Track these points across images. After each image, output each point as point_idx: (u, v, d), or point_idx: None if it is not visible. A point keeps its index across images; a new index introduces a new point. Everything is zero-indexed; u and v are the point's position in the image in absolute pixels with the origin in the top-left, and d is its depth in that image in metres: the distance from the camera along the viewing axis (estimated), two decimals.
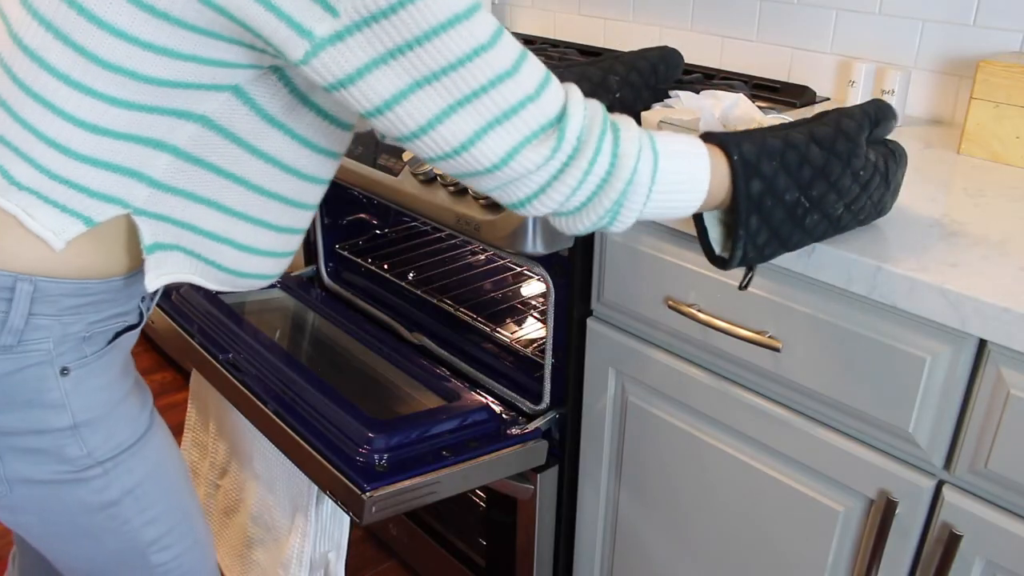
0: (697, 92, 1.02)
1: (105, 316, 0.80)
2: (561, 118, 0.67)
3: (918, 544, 0.92)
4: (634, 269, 1.11)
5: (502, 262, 1.73)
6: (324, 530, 1.26)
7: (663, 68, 1.09)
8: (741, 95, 0.99)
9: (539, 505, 1.31)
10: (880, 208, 0.89)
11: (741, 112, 0.97)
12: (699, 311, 1.04)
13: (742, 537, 1.10)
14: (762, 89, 1.54)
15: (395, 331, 1.52)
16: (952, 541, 0.87)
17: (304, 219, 0.85)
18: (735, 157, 0.75)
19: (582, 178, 0.68)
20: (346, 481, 1.08)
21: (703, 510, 1.14)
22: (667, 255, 1.07)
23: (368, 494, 1.06)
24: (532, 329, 1.52)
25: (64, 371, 0.77)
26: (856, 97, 1.40)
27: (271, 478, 1.32)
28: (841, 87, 1.50)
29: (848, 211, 0.83)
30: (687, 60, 1.71)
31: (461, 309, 1.54)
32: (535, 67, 0.67)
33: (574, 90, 0.69)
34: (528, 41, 1.97)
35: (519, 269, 1.72)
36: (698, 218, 0.81)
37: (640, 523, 1.25)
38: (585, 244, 1.16)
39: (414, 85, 0.63)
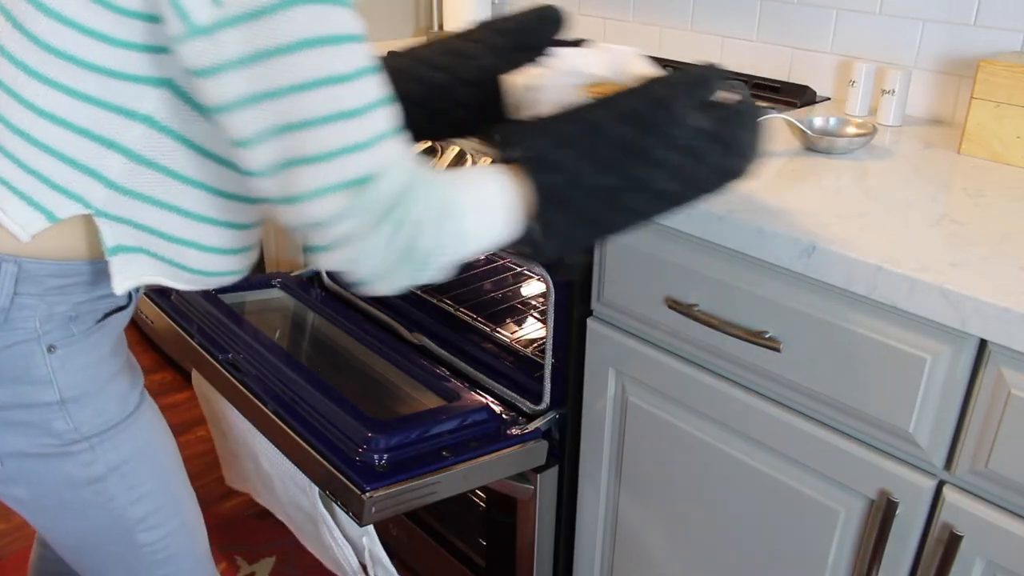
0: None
1: (92, 297, 0.81)
2: (379, 178, 0.65)
3: (918, 544, 0.92)
4: (634, 269, 1.11)
5: (502, 262, 1.73)
6: (347, 517, 1.26)
7: (538, 27, 0.99)
8: (629, 50, 0.89)
9: (539, 505, 1.31)
10: (729, 172, 0.80)
11: (629, 67, 0.89)
12: (699, 311, 1.04)
13: (742, 537, 1.10)
14: (762, 89, 1.54)
15: (395, 331, 1.52)
16: (952, 541, 0.87)
17: (266, 211, 0.83)
18: (529, 154, 0.73)
19: (380, 247, 0.66)
20: (346, 481, 1.08)
21: (703, 510, 1.14)
22: (667, 255, 1.07)
23: (368, 494, 1.06)
24: (532, 329, 1.52)
25: (51, 348, 0.79)
26: (856, 97, 1.40)
27: (280, 475, 1.33)
28: (841, 87, 1.50)
29: (684, 183, 0.77)
30: (687, 60, 1.71)
31: (461, 309, 1.54)
32: (382, 120, 0.65)
33: (406, 156, 0.67)
34: None
35: (519, 269, 1.72)
36: None
37: (640, 523, 1.25)
38: None
39: (260, 96, 0.62)
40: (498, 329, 1.48)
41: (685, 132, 0.76)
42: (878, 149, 1.23)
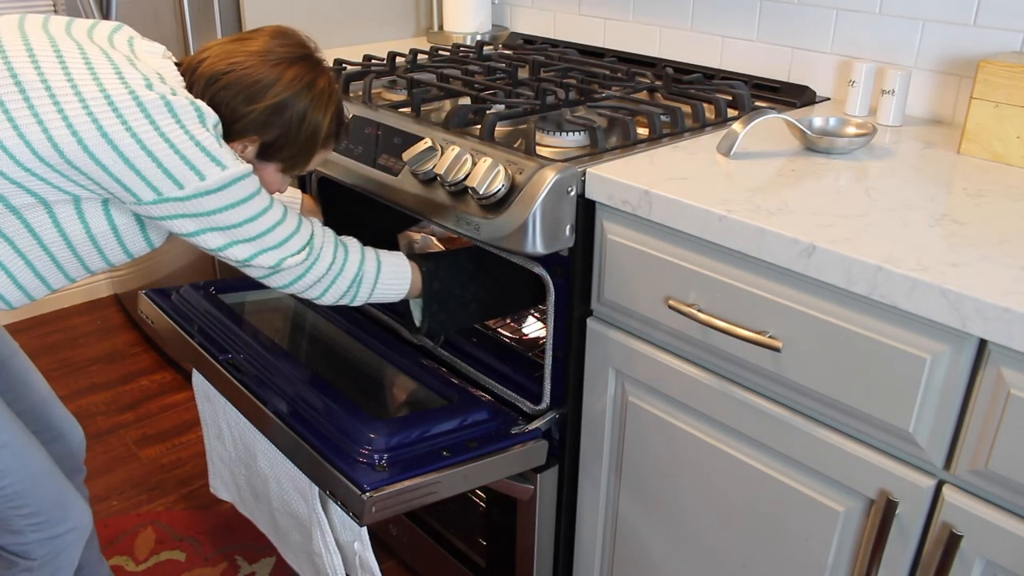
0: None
1: None
2: (313, 238, 1.14)
3: (918, 544, 0.92)
4: (634, 269, 1.11)
5: None
6: (343, 520, 1.26)
7: None
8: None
9: (539, 505, 1.31)
10: (520, 307, 1.40)
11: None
12: (699, 311, 1.04)
13: (742, 537, 1.11)
14: (762, 89, 1.54)
15: (395, 331, 1.52)
16: (952, 541, 0.88)
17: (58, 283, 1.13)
18: (423, 269, 1.26)
19: (324, 272, 1.16)
20: (346, 481, 1.08)
21: (703, 510, 1.14)
22: (667, 255, 1.07)
23: (368, 494, 1.06)
24: (532, 329, 1.52)
25: None
26: (856, 97, 1.40)
27: (277, 476, 1.33)
28: (841, 87, 1.50)
29: (497, 303, 1.35)
30: (687, 60, 1.71)
31: None
32: (293, 217, 1.12)
33: (316, 226, 1.16)
34: (528, 41, 1.97)
35: None
36: (404, 303, 1.31)
37: (640, 523, 1.25)
38: (585, 244, 1.17)
39: (208, 229, 1.05)
40: (498, 329, 1.49)
41: (501, 277, 1.34)
42: (878, 149, 1.23)
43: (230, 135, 1.09)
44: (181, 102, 1.00)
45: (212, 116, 1.03)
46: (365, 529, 1.25)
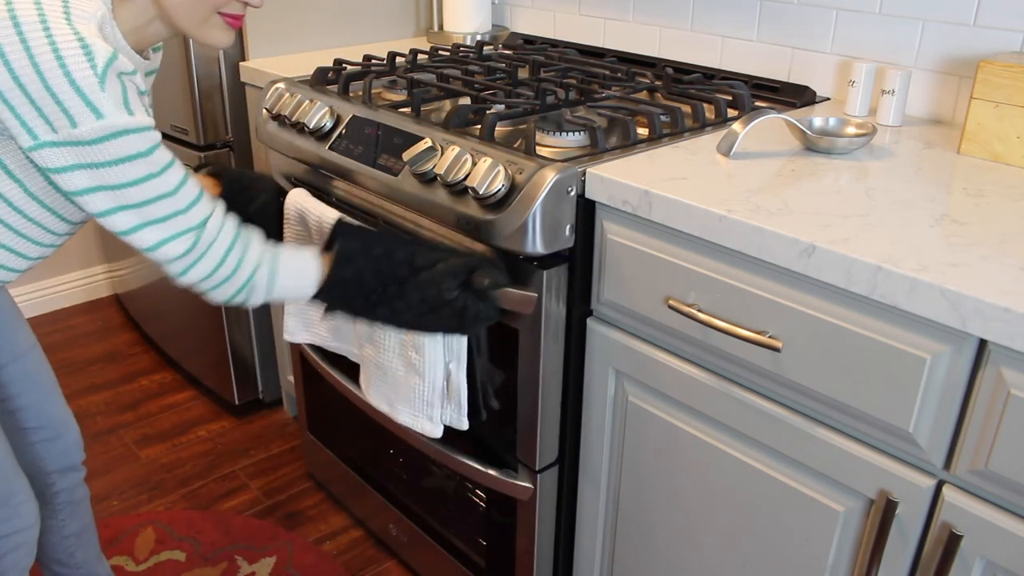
0: None
1: None
2: (203, 226, 1.00)
3: (918, 544, 0.92)
4: (634, 269, 1.11)
5: None
6: (447, 342, 1.23)
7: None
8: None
9: (539, 505, 1.31)
10: (452, 330, 1.16)
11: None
12: (699, 311, 1.04)
13: (742, 537, 1.11)
14: (762, 89, 1.54)
15: None
16: (952, 541, 0.88)
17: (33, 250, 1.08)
18: (341, 249, 1.11)
19: (212, 270, 1.02)
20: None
21: (703, 510, 1.15)
22: (667, 255, 1.07)
23: None
24: None
25: None
26: (856, 97, 1.40)
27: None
28: (841, 87, 1.50)
29: (417, 319, 1.14)
30: (687, 60, 1.71)
31: None
32: (191, 190, 1.00)
33: (219, 210, 1.03)
34: (528, 41, 1.97)
35: None
36: None
37: (640, 523, 1.25)
38: (585, 244, 1.17)
39: (98, 188, 0.93)
40: None
41: (434, 294, 1.11)
42: (878, 149, 1.23)
43: None
44: (62, 31, 0.88)
45: (103, 53, 0.89)
46: (464, 352, 1.22)
